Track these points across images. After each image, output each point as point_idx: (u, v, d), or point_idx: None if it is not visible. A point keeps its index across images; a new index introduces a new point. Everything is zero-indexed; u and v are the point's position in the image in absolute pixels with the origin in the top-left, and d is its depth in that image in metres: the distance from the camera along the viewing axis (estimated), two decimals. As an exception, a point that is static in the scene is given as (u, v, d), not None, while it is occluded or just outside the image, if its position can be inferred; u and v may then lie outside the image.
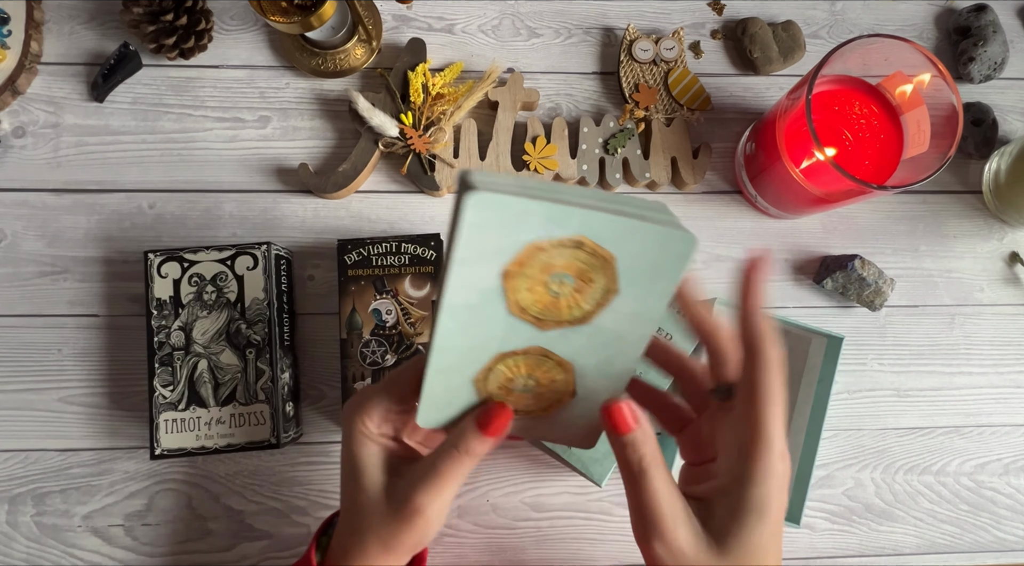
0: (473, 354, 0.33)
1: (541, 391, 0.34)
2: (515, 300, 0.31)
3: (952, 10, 0.63)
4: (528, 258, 0.29)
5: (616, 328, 0.32)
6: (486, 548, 0.55)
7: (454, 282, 0.30)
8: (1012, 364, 0.59)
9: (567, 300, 0.31)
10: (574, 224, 0.28)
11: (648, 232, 0.29)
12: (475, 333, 0.32)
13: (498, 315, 0.31)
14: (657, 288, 0.30)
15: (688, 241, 0.29)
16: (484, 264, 0.29)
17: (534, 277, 0.30)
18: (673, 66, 0.59)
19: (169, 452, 0.49)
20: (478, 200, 0.27)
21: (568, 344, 0.32)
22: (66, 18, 0.58)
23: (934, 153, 0.49)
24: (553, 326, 0.32)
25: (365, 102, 0.55)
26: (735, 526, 0.31)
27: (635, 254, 0.29)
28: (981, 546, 0.58)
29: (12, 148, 0.56)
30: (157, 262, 0.51)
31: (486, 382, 0.34)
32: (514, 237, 0.29)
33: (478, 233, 0.28)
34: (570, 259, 0.29)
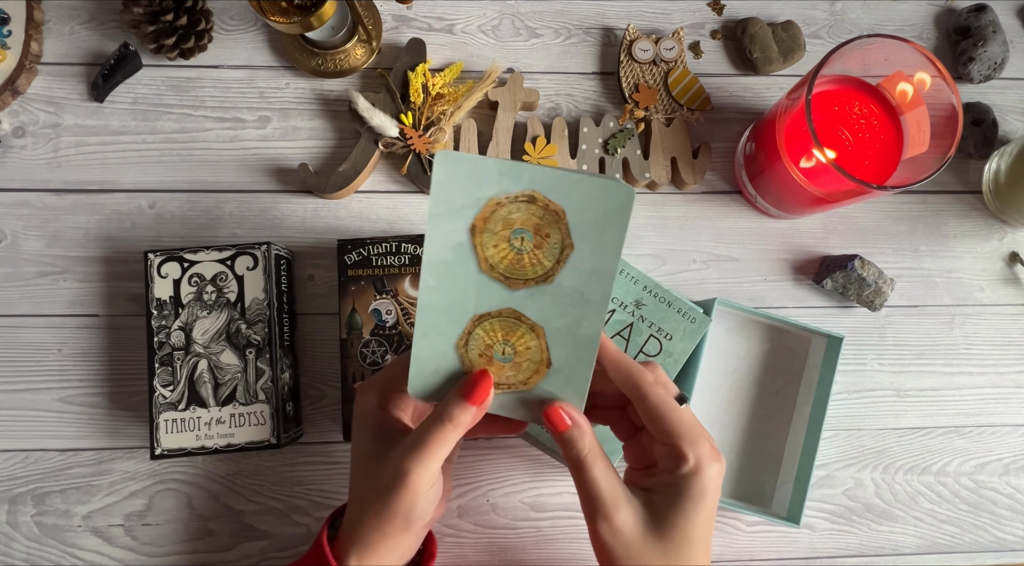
0: (452, 314, 0.37)
1: (519, 360, 0.37)
2: (484, 257, 0.35)
3: (952, 10, 0.63)
4: (490, 213, 0.34)
5: (577, 285, 0.35)
6: (486, 548, 0.55)
7: (430, 238, 0.35)
8: (1012, 364, 0.59)
9: (529, 256, 0.35)
10: (525, 179, 0.33)
11: (589, 184, 0.33)
12: (453, 292, 0.36)
13: (471, 272, 0.35)
14: (607, 242, 0.34)
15: (625, 191, 0.33)
16: (454, 220, 0.34)
17: (497, 233, 0.35)
18: (673, 66, 0.59)
19: (169, 452, 0.49)
20: (443, 156, 0.33)
21: (536, 305, 0.36)
22: (66, 18, 0.58)
23: (934, 153, 0.49)
24: (521, 285, 0.36)
25: (365, 102, 0.55)
26: (673, 510, 0.36)
27: (581, 207, 0.34)
28: (981, 546, 0.58)
29: (12, 148, 0.56)
30: (157, 262, 0.51)
31: (467, 349, 0.37)
32: (476, 193, 0.34)
33: (445, 188, 0.34)
34: (526, 214, 0.34)
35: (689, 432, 0.36)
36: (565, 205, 0.34)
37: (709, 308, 0.53)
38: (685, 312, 0.52)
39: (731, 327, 0.57)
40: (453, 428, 0.36)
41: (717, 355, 0.57)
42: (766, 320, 0.56)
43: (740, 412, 0.57)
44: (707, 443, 0.37)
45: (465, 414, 0.36)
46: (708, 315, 0.52)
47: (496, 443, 0.56)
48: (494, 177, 0.33)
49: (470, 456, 0.56)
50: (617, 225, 0.34)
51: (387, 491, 0.37)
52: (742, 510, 0.53)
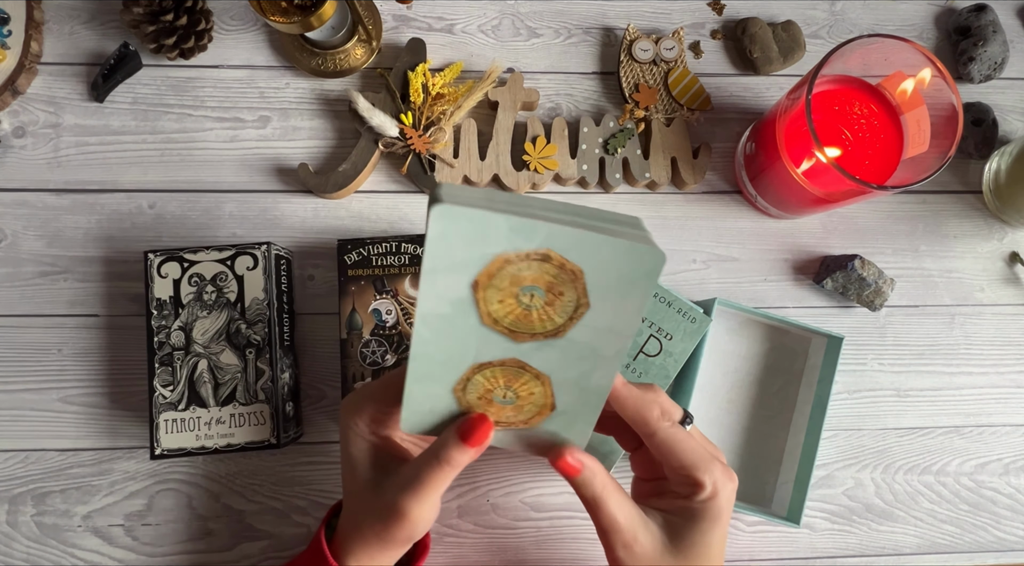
0: (450, 363, 0.33)
1: (521, 403, 0.35)
2: (487, 311, 0.31)
3: (952, 10, 0.63)
4: (496, 270, 0.30)
5: (590, 342, 0.32)
6: (486, 548, 0.55)
7: (425, 291, 0.30)
8: (1012, 364, 0.59)
9: (539, 313, 0.31)
10: (539, 237, 0.29)
11: (614, 247, 0.29)
12: (450, 343, 0.32)
13: (471, 325, 0.32)
14: (629, 303, 0.30)
15: (655, 256, 0.29)
16: (453, 275, 0.30)
17: (504, 289, 0.30)
18: (673, 66, 0.59)
19: (169, 452, 0.49)
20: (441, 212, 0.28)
21: (543, 357, 0.33)
22: (66, 18, 0.58)
23: (934, 153, 0.49)
24: (527, 339, 0.32)
25: (365, 102, 0.55)
26: (691, 531, 0.37)
27: (602, 268, 0.29)
28: (981, 546, 0.58)
29: (12, 148, 0.56)
30: (157, 262, 0.51)
31: (465, 392, 0.35)
32: (481, 249, 0.29)
33: (444, 244, 0.29)
34: (538, 272, 0.30)
35: (701, 459, 0.37)
36: (584, 266, 0.29)
37: (709, 308, 0.53)
38: (685, 312, 0.52)
39: (731, 327, 0.57)
40: (450, 469, 0.36)
41: (717, 355, 0.57)
42: (766, 320, 0.56)
43: (740, 412, 0.57)
44: (719, 465, 0.38)
45: (463, 456, 0.35)
46: (708, 315, 0.52)
47: (496, 443, 0.56)
48: (503, 234, 0.29)
49: (470, 456, 0.56)
50: (641, 289, 0.30)
51: (386, 521, 0.37)
52: (742, 510, 0.53)
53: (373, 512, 0.38)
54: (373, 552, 0.39)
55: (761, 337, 0.57)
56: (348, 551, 0.39)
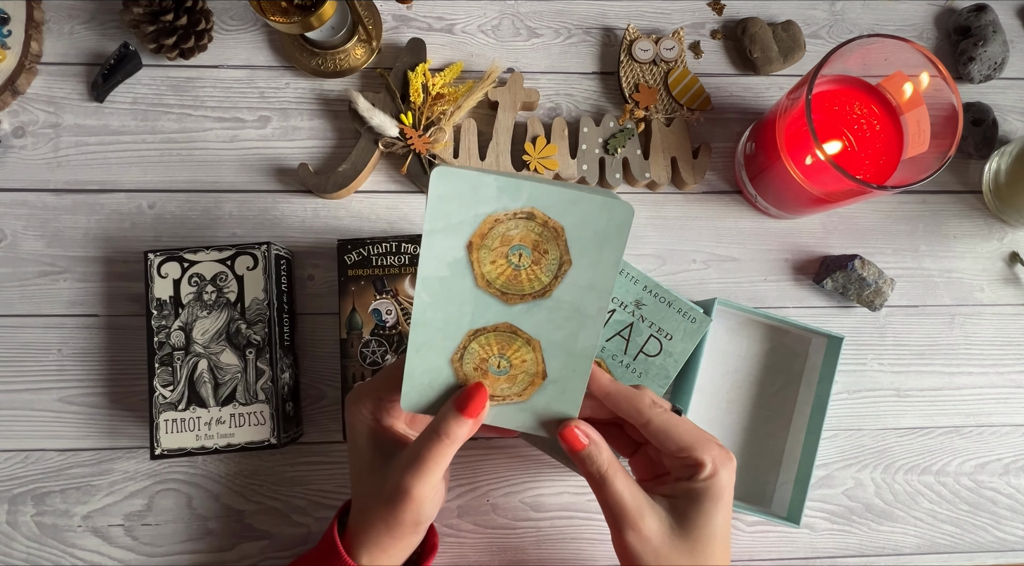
0: (447, 330, 0.36)
1: (514, 373, 0.37)
2: (481, 273, 0.35)
3: (952, 10, 0.63)
4: (488, 229, 0.34)
5: (574, 300, 0.35)
6: (486, 548, 0.55)
7: (426, 254, 0.34)
8: (1012, 364, 0.59)
9: (527, 272, 0.35)
10: (524, 196, 0.33)
11: (589, 202, 0.33)
12: (448, 307, 0.36)
13: (467, 288, 0.35)
14: (605, 258, 0.34)
15: (625, 209, 0.33)
16: (450, 236, 0.34)
17: (495, 249, 0.34)
18: (673, 66, 0.59)
19: (169, 452, 0.49)
20: (440, 172, 0.32)
21: (533, 320, 0.36)
22: (66, 18, 0.58)
23: (934, 153, 0.49)
24: (518, 301, 0.36)
25: (365, 102, 0.55)
26: (696, 512, 0.37)
27: (581, 224, 0.33)
28: (981, 546, 0.58)
29: (12, 148, 0.56)
30: (157, 262, 0.51)
31: (462, 363, 0.37)
32: (473, 209, 0.33)
33: (442, 204, 0.33)
34: (525, 231, 0.34)
35: (697, 440, 0.38)
36: (564, 222, 0.34)
37: (709, 308, 0.53)
38: (685, 312, 0.52)
39: (731, 327, 0.57)
40: (450, 443, 0.36)
41: (717, 355, 0.57)
42: (766, 320, 0.56)
43: (740, 412, 0.57)
44: (716, 446, 0.38)
45: (461, 428, 0.36)
46: (708, 315, 0.52)
47: (496, 443, 0.56)
48: (492, 193, 0.33)
49: (470, 456, 0.56)
50: (615, 242, 0.34)
51: (392, 504, 0.38)
52: (742, 510, 0.53)
53: (380, 497, 0.38)
54: (384, 543, 0.39)
55: (761, 337, 0.57)
56: (359, 546, 0.40)
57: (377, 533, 0.39)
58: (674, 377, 0.52)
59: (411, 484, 0.37)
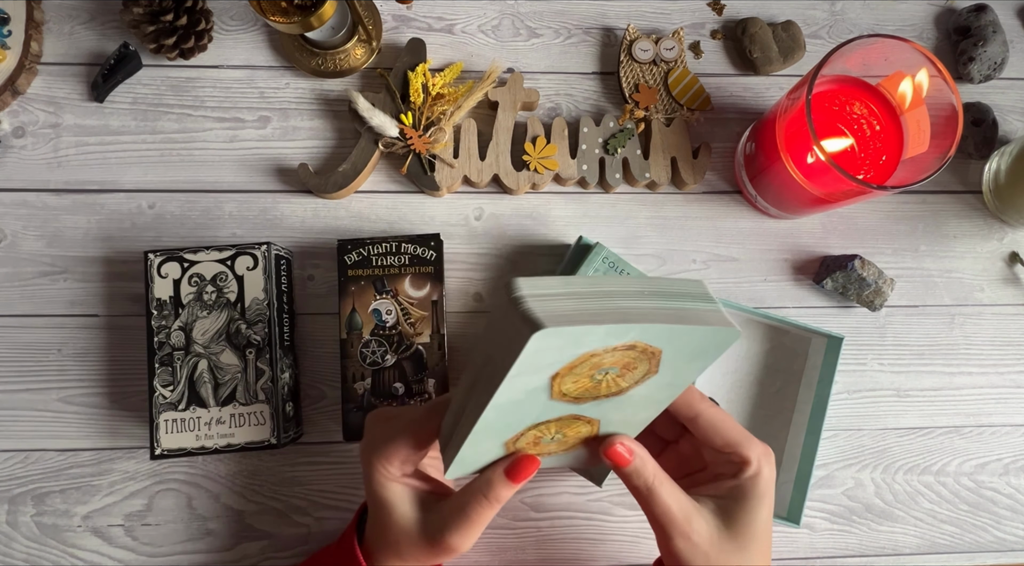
0: (508, 429, 0.34)
1: (567, 440, 0.37)
2: (559, 390, 0.32)
3: (952, 10, 0.63)
4: (581, 362, 0.30)
5: (648, 395, 0.34)
6: (486, 548, 0.55)
7: (504, 389, 0.30)
8: (1012, 364, 0.59)
9: (607, 383, 0.32)
10: (631, 335, 0.29)
11: (701, 332, 0.30)
12: (515, 417, 0.33)
13: (540, 402, 0.32)
14: (694, 366, 0.33)
15: (732, 335, 0.30)
16: (537, 373, 0.30)
17: (582, 374, 0.31)
18: (673, 66, 0.59)
19: (169, 452, 0.49)
20: (544, 335, 0.26)
21: (599, 408, 0.34)
22: (66, 18, 0.58)
23: (934, 153, 0.49)
24: (589, 401, 0.33)
25: (365, 102, 0.55)
26: (742, 511, 0.37)
27: (682, 348, 0.31)
28: (981, 546, 0.58)
29: (12, 148, 0.56)
30: (157, 262, 0.51)
31: (515, 443, 0.36)
32: (572, 352, 0.29)
33: (537, 356, 0.28)
34: (620, 357, 0.30)
35: (744, 437, 0.38)
36: (665, 347, 0.31)
37: (709, 308, 0.53)
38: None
39: (731, 327, 0.57)
40: (498, 505, 0.37)
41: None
42: (766, 320, 0.56)
43: (740, 412, 0.57)
44: (758, 443, 0.38)
45: (509, 492, 0.37)
46: (708, 315, 0.52)
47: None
48: (599, 338, 0.29)
49: (470, 456, 0.56)
50: (710, 358, 0.32)
51: (438, 553, 0.38)
52: (742, 510, 0.53)
53: (417, 547, 0.39)
54: None
55: (761, 337, 0.57)
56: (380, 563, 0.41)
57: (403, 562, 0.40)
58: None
59: (458, 542, 0.37)
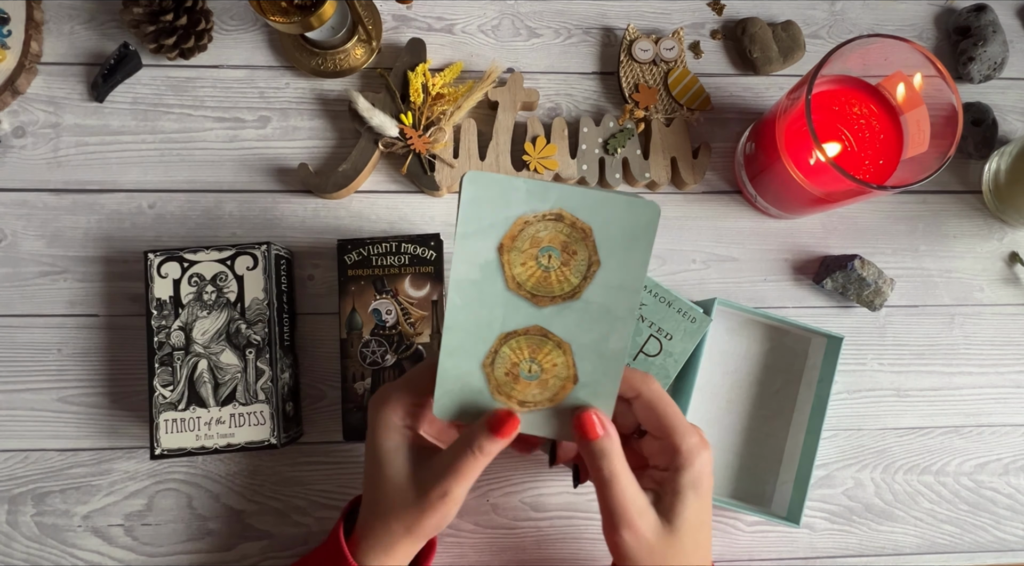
0: (479, 333, 0.37)
1: (545, 377, 0.37)
2: (512, 275, 0.36)
3: (952, 10, 0.63)
4: (518, 231, 0.35)
5: (604, 302, 0.36)
6: (486, 548, 0.55)
7: (458, 258, 0.35)
8: (1012, 364, 0.59)
9: (556, 274, 0.36)
10: (552, 197, 0.34)
11: (615, 201, 0.34)
12: (479, 311, 0.36)
13: (498, 290, 0.36)
14: (633, 258, 0.35)
15: (651, 208, 0.34)
16: (481, 239, 0.35)
17: (525, 251, 0.35)
18: (673, 66, 0.59)
19: (169, 452, 0.49)
20: (472, 176, 0.34)
21: (563, 322, 0.36)
22: (66, 18, 0.58)
23: (934, 153, 0.49)
24: (548, 302, 0.36)
25: (365, 102, 0.55)
26: (678, 503, 0.38)
27: (608, 224, 0.34)
28: (981, 546, 0.58)
29: (12, 148, 0.56)
30: (157, 262, 0.51)
31: (493, 367, 0.37)
32: (504, 212, 0.35)
33: (473, 208, 0.34)
34: (554, 232, 0.35)
35: (680, 424, 0.39)
36: (592, 223, 0.34)
37: (709, 308, 0.53)
38: (685, 312, 0.52)
39: (731, 327, 0.57)
40: (484, 457, 0.37)
41: (717, 355, 0.57)
42: (766, 320, 0.56)
43: (740, 412, 0.57)
44: (696, 434, 0.39)
45: (493, 445, 0.37)
46: (708, 315, 0.52)
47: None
48: (522, 196, 0.34)
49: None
50: (643, 241, 0.34)
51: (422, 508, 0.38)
52: (742, 510, 0.53)
53: (407, 502, 0.39)
54: (396, 548, 0.40)
55: (761, 337, 0.57)
56: (367, 549, 0.40)
57: (392, 537, 0.40)
58: (674, 377, 0.52)
59: (450, 487, 0.37)
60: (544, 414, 0.38)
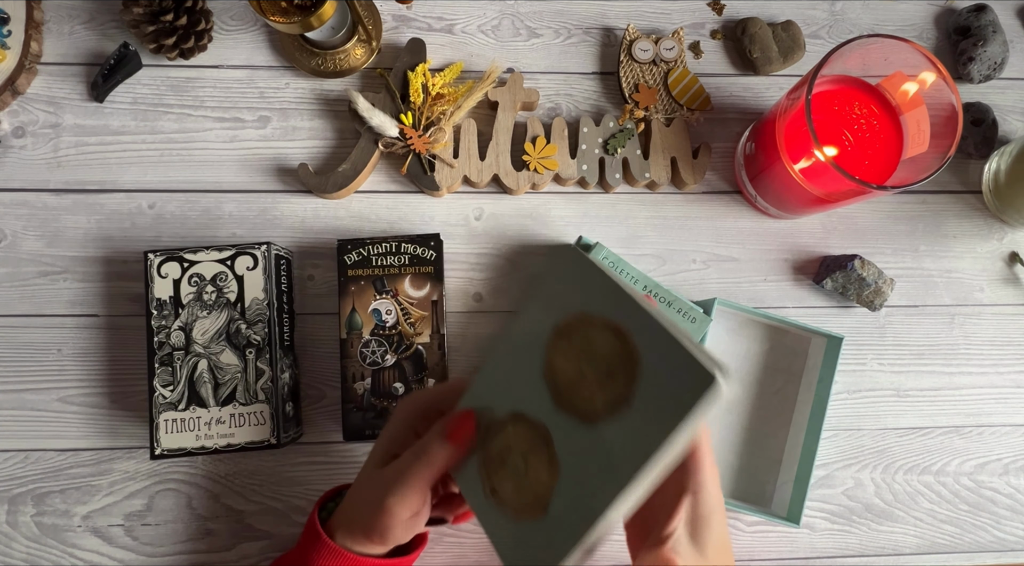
0: (500, 396, 0.37)
1: (523, 482, 0.35)
2: (552, 360, 0.35)
3: (952, 10, 0.63)
4: (578, 324, 0.34)
5: (613, 447, 0.32)
6: (486, 548, 0.55)
7: (524, 315, 0.36)
8: (1012, 364, 0.59)
9: (588, 387, 0.33)
10: (623, 310, 0.32)
11: (677, 349, 0.30)
12: (510, 373, 0.36)
13: (534, 368, 0.35)
14: (664, 419, 0.30)
15: (705, 377, 0.28)
16: (549, 310, 0.35)
17: (573, 348, 0.34)
18: (673, 66, 0.59)
19: (169, 452, 0.49)
20: (567, 250, 0.34)
21: (568, 441, 0.34)
22: (66, 18, 0.58)
23: (934, 153, 0.49)
24: (566, 409, 0.34)
25: (365, 102, 0.55)
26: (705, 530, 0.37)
27: (660, 366, 0.30)
28: (981, 546, 0.58)
29: (12, 148, 0.56)
30: (157, 262, 0.51)
31: (493, 439, 0.36)
32: (578, 300, 0.34)
33: (555, 271, 0.35)
34: (607, 346, 0.32)
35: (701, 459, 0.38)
36: (644, 353, 0.31)
37: (709, 308, 0.53)
38: (685, 312, 0.52)
39: (731, 327, 0.57)
40: (428, 464, 0.37)
41: (717, 355, 0.57)
42: (766, 320, 0.56)
43: (740, 412, 0.57)
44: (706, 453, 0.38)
45: (441, 451, 0.37)
46: (708, 315, 0.52)
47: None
48: (597, 288, 0.33)
49: (470, 456, 0.56)
50: (681, 407, 0.29)
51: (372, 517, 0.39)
52: (742, 510, 0.53)
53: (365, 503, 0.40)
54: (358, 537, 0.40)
55: (761, 337, 0.57)
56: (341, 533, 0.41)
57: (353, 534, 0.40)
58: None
59: (391, 502, 0.37)
60: (502, 519, 0.36)
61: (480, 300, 0.57)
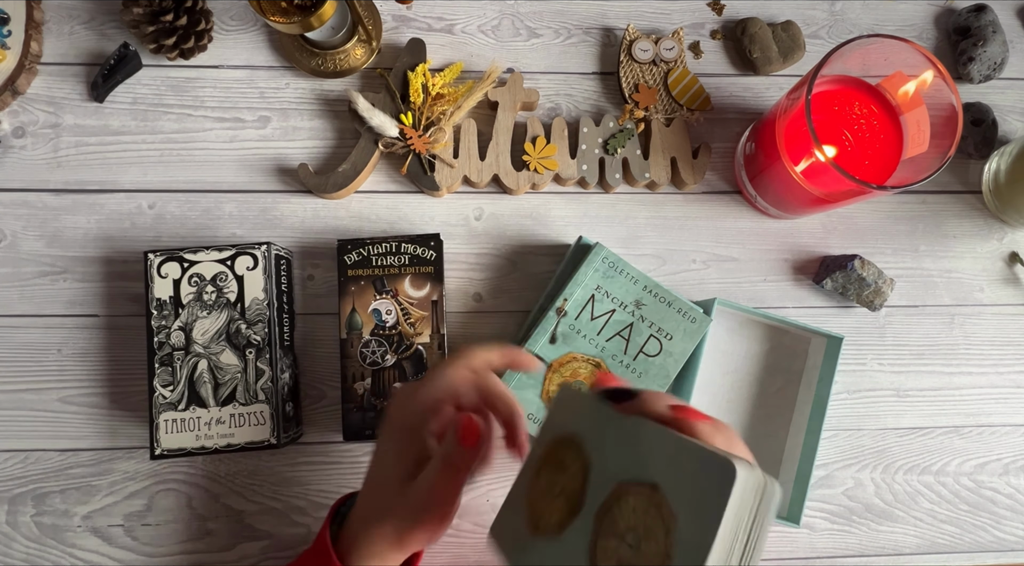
0: None
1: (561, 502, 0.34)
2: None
3: (952, 10, 0.63)
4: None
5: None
6: (486, 548, 0.55)
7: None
8: (1012, 364, 0.59)
9: None
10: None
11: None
12: None
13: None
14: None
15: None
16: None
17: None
18: (673, 66, 0.59)
19: (169, 452, 0.49)
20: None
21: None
22: (66, 18, 0.58)
23: (934, 153, 0.49)
24: None
25: (365, 102, 0.55)
26: None
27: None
28: (981, 546, 0.58)
29: (12, 148, 0.56)
30: (157, 262, 0.51)
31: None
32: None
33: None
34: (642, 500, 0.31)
35: None
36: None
37: (709, 308, 0.53)
38: (685, 312, 0.52)
39: (731, 327, 0.57)
40: (453, 470, 0.38)
41: (717, 355, 0.57)
42: (766, 320, 0.56)
43: (740, 412, 0.57)
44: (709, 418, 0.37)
45: (462, 456, 0.38)
46: (708, 315, 0.52)
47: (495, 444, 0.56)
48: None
49: (470, 456, 0.56)
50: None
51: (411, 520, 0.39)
52: (742, 510, 0.52)
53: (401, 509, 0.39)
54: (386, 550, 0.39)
55: (761, 337, 0.57)
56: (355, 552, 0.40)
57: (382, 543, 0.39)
58: (674, 377, 0.52)
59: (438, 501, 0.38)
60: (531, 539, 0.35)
61: (480, 300, 0.57)
